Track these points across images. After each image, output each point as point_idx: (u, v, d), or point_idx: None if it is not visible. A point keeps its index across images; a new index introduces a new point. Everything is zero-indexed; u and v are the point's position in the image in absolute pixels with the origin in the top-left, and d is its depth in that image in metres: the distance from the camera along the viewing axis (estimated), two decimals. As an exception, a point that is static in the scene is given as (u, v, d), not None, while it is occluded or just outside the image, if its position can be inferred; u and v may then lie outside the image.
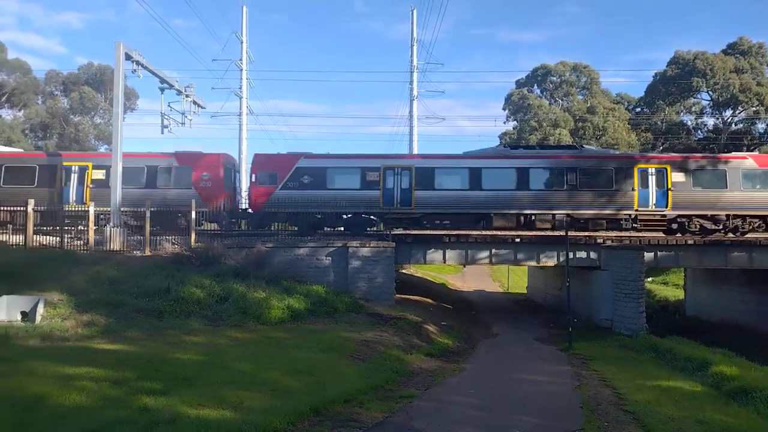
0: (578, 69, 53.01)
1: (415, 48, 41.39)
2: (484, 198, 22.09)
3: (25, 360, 9.41)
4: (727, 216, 21.91)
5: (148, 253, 19.30)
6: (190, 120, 24.82)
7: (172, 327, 13.68)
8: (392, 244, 20.39)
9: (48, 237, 19.92)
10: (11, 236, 19.01)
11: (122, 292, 15.18)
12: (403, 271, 32.52)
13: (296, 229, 22.43)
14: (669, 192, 21.75)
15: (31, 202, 18.55)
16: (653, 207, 21.96)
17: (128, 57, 20.09)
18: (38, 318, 13.25)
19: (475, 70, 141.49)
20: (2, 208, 19.52)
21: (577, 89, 53.54)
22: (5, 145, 43.35)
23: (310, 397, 7.77)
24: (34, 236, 18.65)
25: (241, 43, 42.78)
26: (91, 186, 22.77)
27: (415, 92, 41.41)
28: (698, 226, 22.00)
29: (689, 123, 52.13)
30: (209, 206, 21.60)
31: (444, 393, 9.76)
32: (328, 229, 23.37)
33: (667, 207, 21.86)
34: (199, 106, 25.21)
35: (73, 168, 23.09)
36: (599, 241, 21.38)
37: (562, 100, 52.84)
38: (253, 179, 23.02)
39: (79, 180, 22.93)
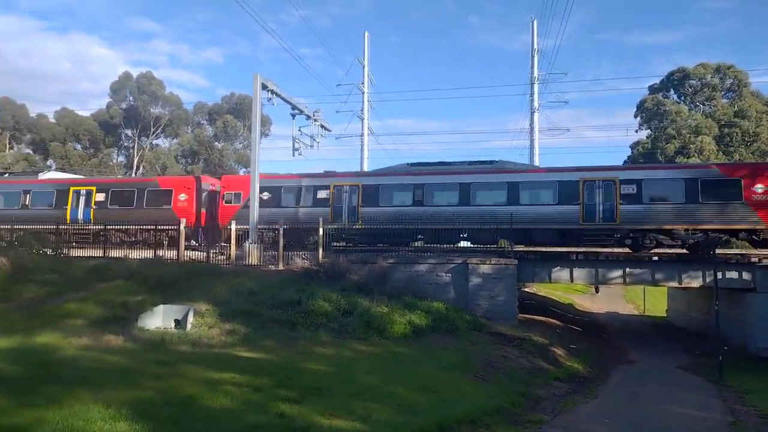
0: (722, 70, 47.94)
1: (535, 59, 40.34)
2: (426, 214, 21.81)
3: (179, 364, 10.49)
4: None
5: (281, 267, 20.63)
6: (318, 143, 26.33)
7: (303, 338, 14.46)
8: (514, 262, 19.80)
9: (196, 252, 22.15)
10: (166, 252, 21.43)
11: (259, 304, 16.35)
12: (526, 289, 31.38)
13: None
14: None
15: (183, 221, 20.79)
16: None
17: (264, 87, 21.90)
18: (189, 326, 14.72)
19: (601, 77, 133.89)
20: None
21: (721, 92, 48.41)
22: (161, 171, 49.13)
23: (436, 414, 7.76)
24: (185, 252, 20.83)
25: (363, 67, 44.73)
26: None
27: (536, 104, 40.26)
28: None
29: None
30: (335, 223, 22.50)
31: (576, 420, 9.23)
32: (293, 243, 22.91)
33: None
34: (325, 129, 26.67)
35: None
36: (753, 260, 19.01)
37: (703, 105, 48.12)
38: (222, 199, 24.81)
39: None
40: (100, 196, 26.15)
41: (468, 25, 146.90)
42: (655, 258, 19.90)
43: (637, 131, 50.31)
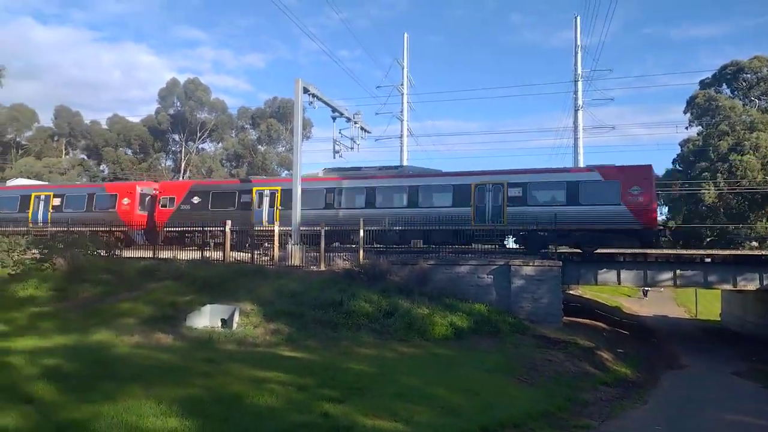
0: (779, 63, 45.51)
1: (579, 56, 39.41)
2: (338, 216, 23.45)
3: (226, 362, 10.77)
4: None
5: (323, 268, 20.87)
6: (358, 145, 26.53)
7: (345, 338, 14.59)
8: (559, 263, 19.38)
9: (241, 253, 22.66)
10: (213, 253, 22.02)
11: (302, 304, 16.60)
12: (571, 292, 30.69)
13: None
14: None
15: (229, 223, 21.31)
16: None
17: (305, 90, 22.23)
18: (235, 325, 15.08)
19: (648, 73, 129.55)
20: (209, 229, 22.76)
21: (779, 87, 45.91)
22: (207, 174, 50.50)
23: (479, 417, 7.69)
24: (231, 253, 21.34)
25: (402, 68, 44.77)
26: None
27: (579, 102, 39.31)
28: None
29: None
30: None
31: (625, 426, 8.98)
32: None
33: None
34: (365, 131, 26.86)
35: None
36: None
37: (759, 100, 45.84)
38: (159, 203, 26.85)
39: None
40: (56, 201, 28.22)
41: (509, 23, 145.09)
42: (708, 259, 19.15)
43: (687, 128, 48.35)
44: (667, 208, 36.39)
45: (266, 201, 25.18)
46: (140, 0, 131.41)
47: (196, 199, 26.23)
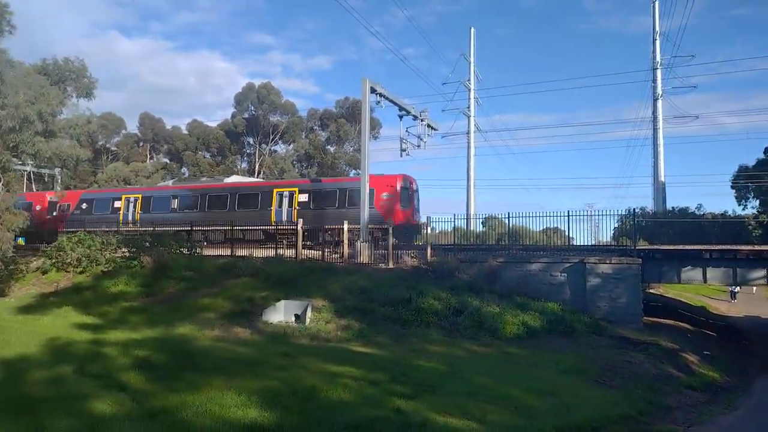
0: None
1: (657, 42, 37.37)
2: (179, 218, 26.99)
3: (300, 356, 11.10)
4: None
5: (391, 266, 21.02)
6: (425, 142, 26.47)
7: (415, 335, 14.63)
8: (638, 261, 18.47)
9: (311, 251, 23.24)
10: (285, 250, 22.74)
11: (371, 301, 16.81)
12: (651, 290, 29.14)
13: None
14: (295, 210, 25.74)
15: (300, 221, 21.92)
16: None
17: (372, 90, 22.45)
18: (307, 320, 15.52)
19: (735, 57, 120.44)
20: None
21: None
22: (279, 175, 52.10)
23: (555, 419, 7.48)
24: (303, 250, 21.95)
25: (469, 63, 44.22)
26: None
27: (659, 90, 37.28)
28: None
29: None
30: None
31: (714, 434, 8.42)
32: None
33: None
34: (432, 128, 26.75)
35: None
36: None
37: None
38: (58, 208, 32.44)
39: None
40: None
41: (582, 10, 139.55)
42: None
43: (783, 114, 44.62)
44: (758, 201, 33.57)
45: (131, 207, 30.62)
46: (212, 9, 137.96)
47: (84, 205, 32.24)
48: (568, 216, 20.89)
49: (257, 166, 58.32)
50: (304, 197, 26.22)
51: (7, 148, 18.72)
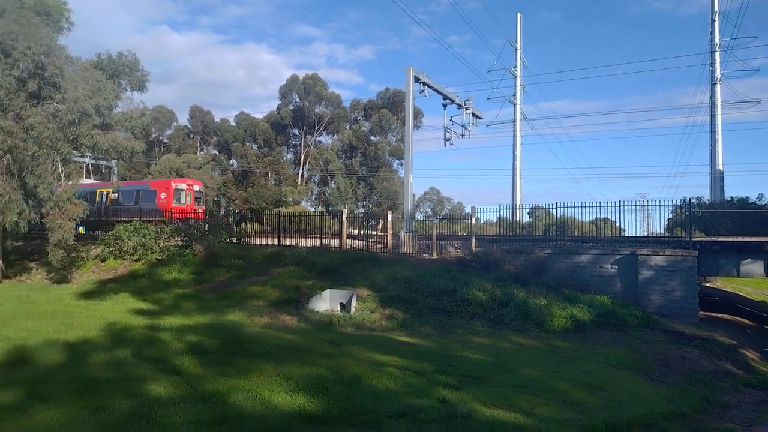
0: None
1: (716, 23, 35.47)
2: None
3: (345, 344, 11.24)
4: None
5: (435, 256, 20.97)
6: (469, 131, 26.16)
7: (459, 326, 14.57)
8: (694, 253, 17.72)
9: (356, 241, 23.44)
10: (330, 240, 23.01)
11: (415, 291, 16.82)
12: (707, 284, 27.91)
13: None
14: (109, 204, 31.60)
15: (345, 211, 22.09)
16: None
17: (417, 79, 22.32)
18: (352, 309, 15.69)
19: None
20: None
21: None
22: (324, 166, 52.55)
23: (605, 413, 7.29)
24: (347, 240, 22.17)
25: (515, 50, 43.25)
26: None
27: (717, 74, 35.44)
28: None
29: None
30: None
31: (776, 435, 8.01)
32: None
33: None
34: (477, 117, 26.40)
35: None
36: None
37: None
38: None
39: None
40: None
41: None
42: None
43: None
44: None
45: None
46: (259, 2, 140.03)
47: None
48: (619, 206, 20.24)
49: (302, 157, 59.11)
50: (114, 195, 31.83)
51: (68, 141, 19.61)
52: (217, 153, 63.25)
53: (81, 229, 27.60)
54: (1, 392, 6.27)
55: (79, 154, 23.65)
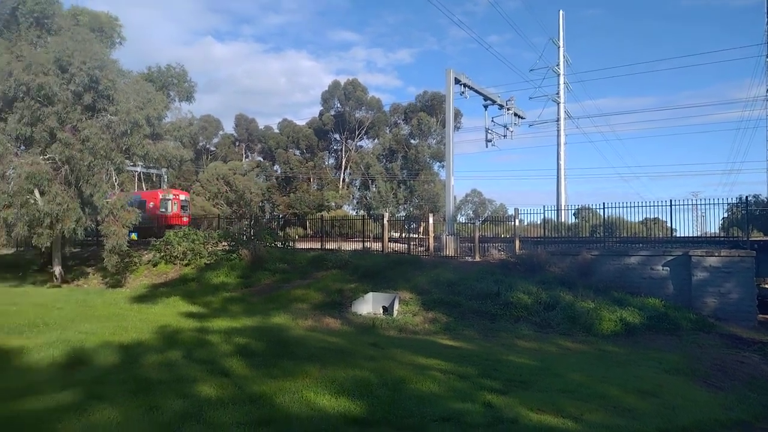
0: None
1: (774, 12, 33.78)
2: None
3: (388, 347, 11.26)
4: None
5: (477, 259, 20.76)
6: (512, 132, 25.80)
7: (504, 330, 14.36)
8: (752, 253, 16.88)
9: (397, 244, 23.46)
10: (372, 244, 23.12)
11: (458, 294, 16.70)
12: (766, 285, 26.55)
13: None
14: None
15: (387, 215, 22.16)
16: None
17: (457, 81, 22.22)
18: (395, 312, 15.71)
19: None
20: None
21: None
22: (365, 170, 52.88)
23: (658, 420, 7.04)
24: (389, 244, 22.21)
25: (558, 48, 42.44)
26: None
27: (776, 66, 33.70)
28: None
29: None
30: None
31: None
32: None
33: None
34: (519, 117, 26.02)
35: None
36: None
37: None
38: None
39: None
40: None
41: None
42: None
43: None
44: None
45: None
46: (298, 9, 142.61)
47: None
48: (671, 205, 19.52)
49: (343, 162, 59.66)
50: None
51: (121, 151, 20.48)
52: (262, 159, 64.61)
53: (134, 236, 28.77)
54: (62, 392, 6.59)
55: (131, 164, 24.64)
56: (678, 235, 21.09)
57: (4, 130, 19.36)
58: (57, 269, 22.86)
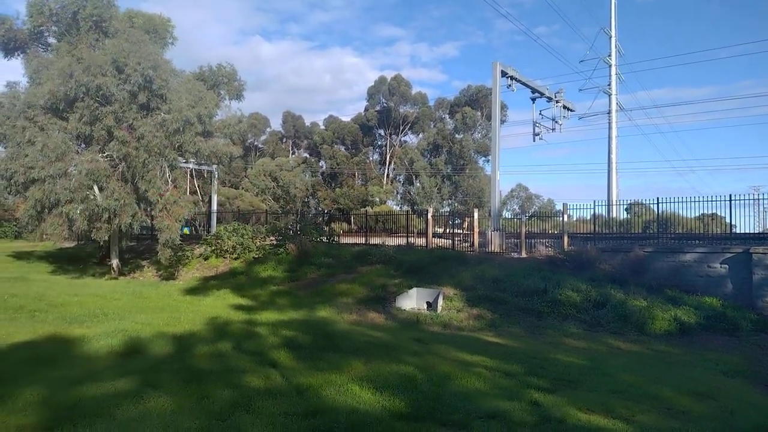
0: None
1: None
2: None
3: (433, 343, 11.23)
4: None
5: (524, 255, 20.41)
6: (560, 125, 25.19)
7: (551, 328, 14.08)
8: (821, 251, 15.90)
9: (441, 239, 23.34)
10: (416, 239, 23.09)
11: (503, 290, 16.47)
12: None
13: None
14: None
15: (431, 210, 22.08)
16: None
17: (504, 74, 21.85)
18: (439, 308, 15.65)
19: None
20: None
21: None
22: (409, 165, 52.76)
23: (715, 424, 6.74)
24: (432, 239, 22.14)
25: (610, 38, 41.09)
26: None
27: None
28: None
29: None
30: None
31: None
32: None
33: None
34: (568, 110, 25.38)
35: None
36: None
37: None
38: None
39: None
40: None
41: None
42: None
43: None
44: None
45: None
46: (344, 6, 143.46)
47: None
48: (730, 200, 18.61)
49: (388, 157, 59.77)
50: None
51: (174, 148, 21.21)
52: (308, 156, 65.54)
53: (186, 230, 29.75)
54: (119, 380, 6.90)
55: (184, 160, 25.51)
56: (737, 232, 20.09)
57: (65, 129, 20.37)
58: (114, 262, 23.94)
